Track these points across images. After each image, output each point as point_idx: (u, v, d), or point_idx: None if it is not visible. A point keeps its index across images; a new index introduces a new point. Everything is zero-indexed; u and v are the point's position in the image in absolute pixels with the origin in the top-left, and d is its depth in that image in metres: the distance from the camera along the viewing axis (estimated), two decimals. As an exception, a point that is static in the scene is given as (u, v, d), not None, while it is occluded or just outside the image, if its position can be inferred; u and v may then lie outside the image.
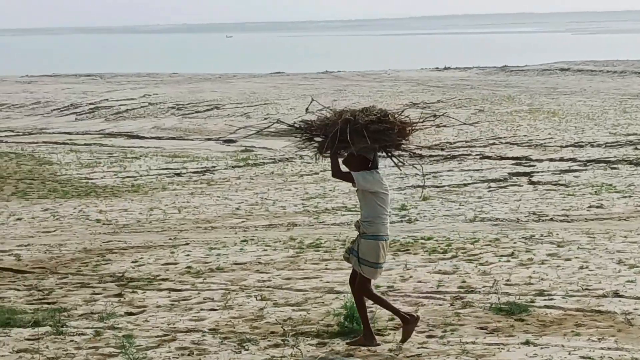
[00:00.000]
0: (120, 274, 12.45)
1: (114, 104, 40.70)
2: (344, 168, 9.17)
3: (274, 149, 27.57)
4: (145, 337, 9.64)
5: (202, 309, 10.64)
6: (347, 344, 9.21)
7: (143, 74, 61.32)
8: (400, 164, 9.38)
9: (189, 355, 9.03)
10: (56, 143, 29.36)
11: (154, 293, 11.48)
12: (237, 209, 17.87)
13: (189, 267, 12.81)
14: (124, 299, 11.24)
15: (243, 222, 16.60)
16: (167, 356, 8.98)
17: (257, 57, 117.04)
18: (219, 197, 19.13)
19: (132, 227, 16.22)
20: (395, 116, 9.08)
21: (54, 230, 15.96)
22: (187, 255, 13.59)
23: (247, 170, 23.37)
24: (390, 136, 9.01)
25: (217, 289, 11.52)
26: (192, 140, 30.98)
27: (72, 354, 9.13)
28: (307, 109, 9.88)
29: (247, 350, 9.09)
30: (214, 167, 23.82)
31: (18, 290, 11.80)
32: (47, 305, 10.99)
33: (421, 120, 9.34)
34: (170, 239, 14.95)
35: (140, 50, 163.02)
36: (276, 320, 10.10)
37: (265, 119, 36.10)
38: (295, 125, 9.51)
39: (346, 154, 9.11)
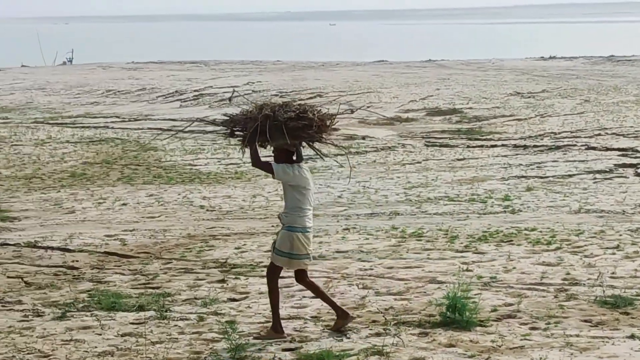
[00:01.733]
0: (224, 260, 12.56)
1: (218, 91, 41.01)
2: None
3: (376, 138, 27.50)
4: (247, 323, 9.70)
5: (304, 297, 10.67)
6: (254, 338, 9.22)
7: (247, 62, 61.72)
8: (323, 155, 9.69)
9: (290, 342, 9.06)
10: (161, 129, 29.68)
11: (256, 280, 11.55)
12: (339, 197, 17.88)
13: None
14: (227, 285, 11.34)
15: (345, 210, 16.60)
16: (269, 342, 9.02)
17: (360, 45, 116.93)
18: (321, 185, 19.15)
19: (235, 213, 16.34)
20: (315, 112, 9.18)
21: (159, 216, 16.16)
22: (289, 242, 13.62)
23: (349, 158, 23.33)
24: (309, 132, 9.14)
25: (319, 277, 11.52)
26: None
27: (176, 338, 9.23)
28: (229, 99, 9.91)
29: (349, 338, 9.09)
30: (316, 155, 23.84)
31: (123, 274, 11.98)
32: (151, 290, 11.14)
33: (339, 113, 9.48)
34: (272, 226, 15.01)
35: (244, 38, 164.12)
36: (378, 309, 10.08)
37: (368, 107, 36.02)
38: (215, 121, 9.62)
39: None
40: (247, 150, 9.36)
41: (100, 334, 9.43)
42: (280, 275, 9.45)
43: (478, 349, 8.71)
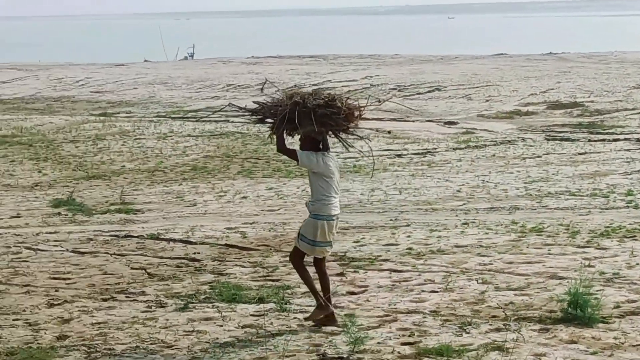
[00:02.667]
0: (342, 254, 12.60)
1: (336, 85, 41.10)
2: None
3: (495, 131, 27.28)
4: (366, 316, 9.73)
5: (422, 291, 10.65)
6: (304, 319, 9.50)
7: (365, 56, 61.73)
8: (348, 145, 9.73)
9: (409, 336, 9.06)
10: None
11: (375, 273, 11.57)
12: (458, 191, 17.79)
13: (410, 248, 12.85)
14: (346, 278, 11.38)
15: (464, 204, 16.51)
16: (388, 336, 9.04)
17: (479, 39, 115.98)
18: (439, 179, 19.08)
19: (354, 207, 16.38)
20: (343, 101, 9.28)
21: (278, 209, 16.29)
22: (408, 236, 13.63)
23: (468, 152, 23.21)
24: (337, 120, 9.24)
25: (437, 271, 11.51)
26: (412, 121, 31.00)
27: (295, 330, 9.31)
28: (262, 89, 9.82)
29: (468, 333, 9.05)
30: (435, 148, 23.79)
31: (244, 267, 12.12)
32: (271, 283, 11.25)
33: (367, 104, 9.56)
34: (391, 220, 15.02)
35: (362, 32, 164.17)
36: (497, 304, 10.00)
37: (487, 101, 35.77)
38: (246, 107, 9.75)
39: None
40: (273, 136, 9.45)
41: (222, 325, 9.56)
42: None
43: (600, 345, 8.59)
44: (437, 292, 10.61)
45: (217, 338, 9.14)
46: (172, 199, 17.47)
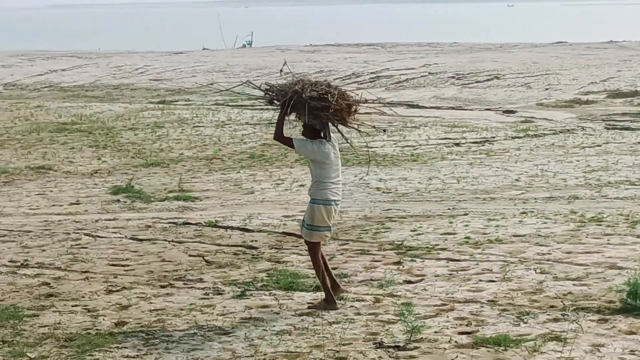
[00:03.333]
0: (400, 242, 12.58)
1: (395, 74, 41.08)
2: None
3: (554, 120, 27.05)
4: (423, 305, 9.70)
5: (480, 280, 10.60)
6: (308, 307, 9.73)
7: (423, 44, 61.54)
8: (346, 138, 10.02)
9: (467, 325, 9.02)
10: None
11: (432, 262, 11.53)
12: (517, 180, 17.66)
13: (468, 237, 12.79)
14: (403, 267, 11.35)
15: (522, 193, 16.39)
16: (445, 325, 9.01)
17: (538, 26, 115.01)
18: (498, 168, 18.96)
19: (411, 196, 16.33)
20: (335, 95, 9.43)
21: (335, 197, 16.27)
22: (466, 225, 13.56)
23: (526, 141, 23.03)
24: (327, 115, 9.41)
25: (495, 260, 11.44)
26: (471, 110, 30.84)
27: (352, 319, 9.31)
28: (281, 70, 10.27)
29: (526, 323, 8.99)
30: (493, 137, 23.63)
31: (300, 255, 12.12)
32: (328, 270, 11.24)
33: (361, 102, 9.83)
34: (448, 208, 14.96)
35: (421, 20, 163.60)
36: (556, 294, 9.93)
37: (546, 89, 35.48)
38: (260, 88, 9.94)
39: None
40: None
41: (279, 313, 9.59)
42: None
43: (658, 337, 8.49)
44: (494, 281, 10.55)
45: (274, 326, 9.17)
46: (229, 187, 17.53)
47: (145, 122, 27.40)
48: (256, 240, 12.97)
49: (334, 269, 11.31)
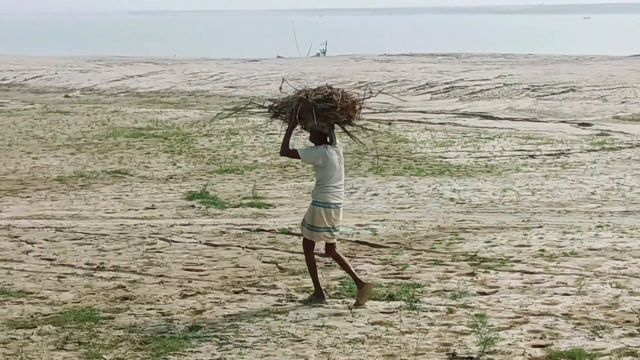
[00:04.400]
0: (473, 253, 12.53)
1: (469, 84, 40.86)
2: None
3: (631, 134, 26.73)
4: (496, 317, 9.66)
5: (554, 293, 10.53)
6: (300, 301, 10.34)
7: (498, 55, 61.17)
8: (356, 138, 10.67)
9: (540, 338, 8.97)
10: (411, 121, 29.84)
11: (506, 274, 11.47)
12: (592, 193, 17.48)
13: (542, 250, 12.69)
14: (476, 278, 11.31)
15: (598, 207, 16.22)
16: (519, 338, 8.96)
17: (615, 39, 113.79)
18: (573, 180, 18.79)
19: (485, 207, 16.25)
20: (341, 95, 10.09)
21: (409, 207, 16.26)
22: (540, 238, 13.46)
23: (602, 154, 22.79)
24: (335, 114, 10.00)
25: (570, 274, 11.35)
26: (546, 122, 30.59)
27: (425, 329, 9.29)
28: (280, 87, 10.88)
29: (601, 337, 8.91)
30: (569, 150, 23.41)
31: (374, 264, 12.14)
32: (401, 280, 11.24)
33: (363, 98, 10.41)
34: (523, 220, 14.85)
35: (496, 31, 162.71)
36: (632, 309, 9.83)
37: (622, 102, 35.07)
38: (264, 105, 10.48)
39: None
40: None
41: (351, 322, 9.61)
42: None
43: None
44: (569, 295, 10.47)
45: (347, 334, 9.19)
46: (303, 194, 17.58)
47: (219, 129, 27.59)
48: (329, 248, 12.98)
49: (407, 278, 11.32)
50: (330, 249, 10.50)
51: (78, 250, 13.04)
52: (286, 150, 10.27)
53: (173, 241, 13.62)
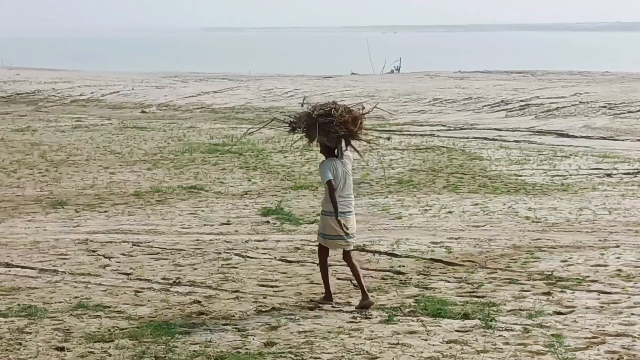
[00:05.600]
0: (549, 273, 12.42)
1: (545, 102, 40.51)
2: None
3: None
4: (573, 337, 9.57)
5: (632, 314, 10.41)
6: (310, 301, 11.08)
7: (574, 72, 60.62)
8: (361, 151, 11.37)
9: (618, 359, 8.86)
10: (486, 139, 29.69)
11: (582, 294, 11.36)
12: (674, 210, 17.22)
13: (619, 270, 12.55)
14: (553, 297, 11.21)
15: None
16: (596, 358, 8.88)
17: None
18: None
19: (561, 226, 16.11)
20: (340, 110, 10.74)
21: (484, 225, 16.17)
22: (618, 257, 13.31)
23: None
24: (334, 128, 10.68)
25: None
26: (623, 140, 30.24)
27: (501, 348, 9.24)
28: (302, 104, 11.35)
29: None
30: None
31: (448, 282, 12.10)
32: (476, 299, 11.19)
33: (363, 113, 11.04)
34: (599, 240, 14.69)
35: (572, 48, 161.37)
36: None
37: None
38: (285, 121, 11.15)
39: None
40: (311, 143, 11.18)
41: (426, 340, 9.59)
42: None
43: None
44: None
45: (422, 352, 9.17)
46: (377, 212, 17.58)
47: (294, 145, 27.69)
48: (404, 266, 12.99)
49: (482, 297, 11.26)
50: (346, 256, 11.07)
51: (154, 265, 13.18)
52: (332, 195, 10.79)
53: (248, 257, 13.70)
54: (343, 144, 10.96)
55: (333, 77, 61.01)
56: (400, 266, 12.97)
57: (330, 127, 10.70)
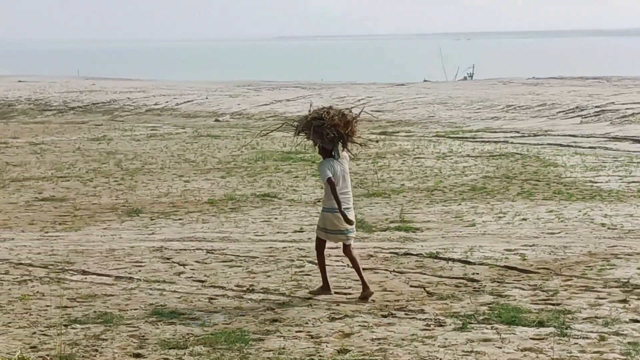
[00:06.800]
0: (626, 280, 12.27)
1: (620, 108, 40.01)
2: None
3: None
4: (652, 346, 9.43)
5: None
6: (309, 292, 11.87)
7: (650, 77, 59.83)
8: (350, 152, 11.97)
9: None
10: (560, 145, 29.41)
11: (661, 302, 11.19)
12: None
13: (698, 277, 12.33)
14: (629, 305, 11.07)
15: None
16: None
17: None
18: None
19: (638, 233, 15.88)
20: (331, 114, 11.54)
21: (559, 232, 16.02)
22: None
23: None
24: (326, 130, 11.48)
25: None
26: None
27: (576, 356, 9.15)
28: (309, 110, 11.94)
29: None
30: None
31: (523, 289, 12.00)
32: (551, 306, 11.09)
33: (355, 117, 11.74)
34: (677, 247, 14.47)
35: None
36: None
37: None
38: (293, 125, 12.02)
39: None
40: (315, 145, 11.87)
41: (501, 347, 9.52)
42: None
43: None
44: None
45: (496, 360, 9.10)
46: (450, 219, 17.51)
47: (366, 153, 27.72)
48: (478, 273, 12.91)
49: (557, 304, 11.15)
50: (346, 249, 11.82)
51: (228, 272, 13.26)
52: (335, 194, 11.51)
53: (321, 264, 13.70)
54: (340, 145, 11.71)
55: (405, 84, 60.86)
56: (474, 273, 12.90)
57: (322, 130, 11.50)
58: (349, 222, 11.56)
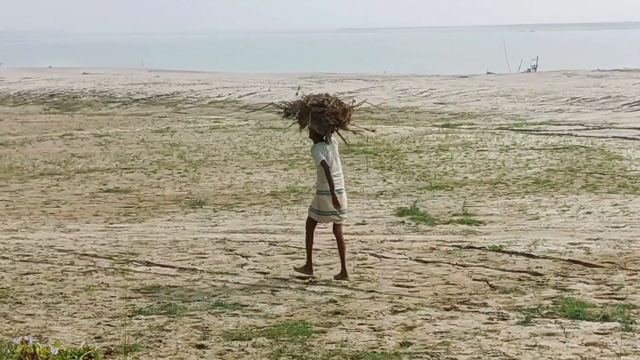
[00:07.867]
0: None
1: (685, 100, 39.52)
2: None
3: None
4: None
5: None
6: (294, 268, 12.57)
7: None
8: (345, 139, 12.63)
9: None
10: (626, 138, 29.07)
11: None
12: None
13: None
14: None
15: None
16: None
17: None
18: None
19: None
20: (332, 102, 12.01)
21: (624, 226, 15.85)
22: None
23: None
24: (325, 117, 11.94)
25: None
26: None
27: (641, 352, 9.04)
28: (297, 93, 12.76)
29: None
30: None
31: (587, 283, 11.89)
32: (615, 301, 10.97)
33: (352, 105, 12.27)
34: None
35: None
36: None
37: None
38: (280, 106, 12.49)
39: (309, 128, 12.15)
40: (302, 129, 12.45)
41: (564, 342, 9.44)
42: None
43: None
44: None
45: (560, 354, 9.04)
46: (514, 212, 17.40)
47: (429, 145, 27.64)
48: (541, 267, 12.81)
49: (622, 299, 11.04)
50: (336, 228, 12.32)
51: (291, 265, 13.28)
52: (328, 174, 12.01)
53: (383, 257, 13.72)
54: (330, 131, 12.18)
55: (468, 76, 60.56)
56: (537, 267, 12.80)
57: (322, 117, 11.96)
58: (337, 204, 11.98)
